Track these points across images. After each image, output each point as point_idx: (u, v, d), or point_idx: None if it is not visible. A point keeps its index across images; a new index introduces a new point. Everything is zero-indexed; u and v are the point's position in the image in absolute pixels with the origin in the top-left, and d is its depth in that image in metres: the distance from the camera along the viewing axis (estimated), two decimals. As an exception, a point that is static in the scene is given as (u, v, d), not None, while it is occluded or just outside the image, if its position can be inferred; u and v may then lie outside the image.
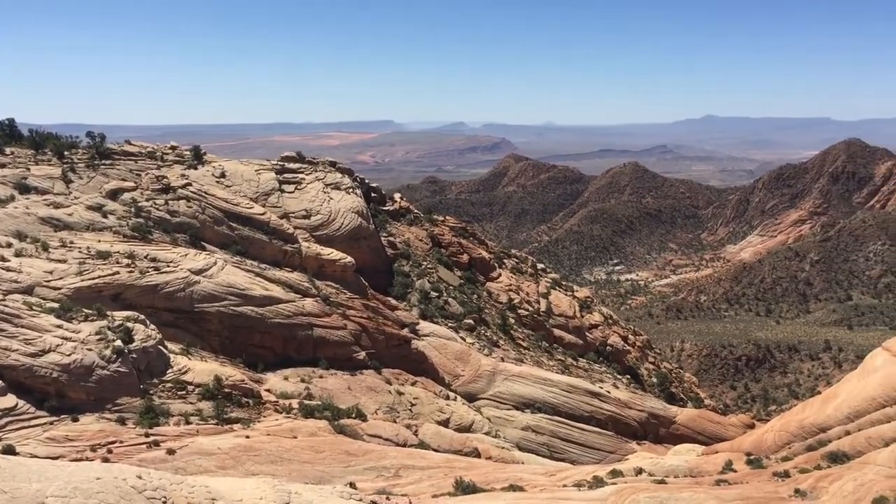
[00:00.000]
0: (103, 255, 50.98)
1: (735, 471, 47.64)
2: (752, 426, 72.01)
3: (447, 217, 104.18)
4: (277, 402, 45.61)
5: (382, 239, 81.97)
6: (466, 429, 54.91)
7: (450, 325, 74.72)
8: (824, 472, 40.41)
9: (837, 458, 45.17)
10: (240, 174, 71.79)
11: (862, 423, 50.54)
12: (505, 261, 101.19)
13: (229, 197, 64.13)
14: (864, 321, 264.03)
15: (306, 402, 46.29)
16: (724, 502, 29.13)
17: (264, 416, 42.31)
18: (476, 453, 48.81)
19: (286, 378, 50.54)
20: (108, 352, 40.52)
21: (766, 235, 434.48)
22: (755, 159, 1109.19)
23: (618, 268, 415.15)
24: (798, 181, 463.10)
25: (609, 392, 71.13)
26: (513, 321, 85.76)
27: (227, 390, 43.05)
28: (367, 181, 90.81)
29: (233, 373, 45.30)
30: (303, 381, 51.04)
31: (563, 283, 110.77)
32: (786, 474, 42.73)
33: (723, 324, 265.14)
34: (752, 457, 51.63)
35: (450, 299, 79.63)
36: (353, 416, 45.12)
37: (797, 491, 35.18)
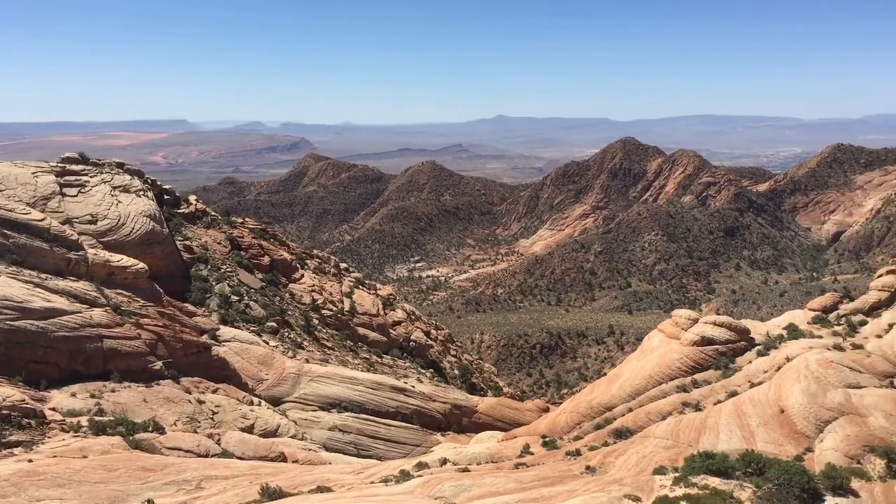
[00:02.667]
0: None
1: (532, 453, 50.37)
2: (546, 410, 76.27)
3: (246, 219, 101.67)
4: (64, 420, 42.50)
5: (178, 243, 78.53)
6: (272, 433, 53.99)
7: (252, 328, 73.05)
8: (611, 448, 43.69)
9: (622, 434, 49.06)
10: (14, 177, 65.99)
11: (642, 399, 55.23)
12: (307, 261, 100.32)
13: (2, 203, 58.82)
14: (641, 306, 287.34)
15: (97, 418, 43.53)
16: (523, 484, 30.76)
17: (49, 437, 39.34)
18: (283, 458, 48.17)
19: (74, 394, 47.18)
20: None
21: (555, 229, 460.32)
22: (543, 157, 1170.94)
23: (419, 264, 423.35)
24: (582, 177, 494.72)
25: (414, 387, 72.60)
26: (317, 322, 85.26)
27: (4, 412, 39.60)
28: (159, 183, 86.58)
29: (11, 392, 41.68)
30: (93, 396, 47.89)
31: (367, 281, 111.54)
32: (577, 453, 45.77)
33: (518, 314, 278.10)
34: (547, 439, 54.86)
35: (251, 302, 77.80)
36: (150, 429, 43.00)
37: (588, 468, 37.73)
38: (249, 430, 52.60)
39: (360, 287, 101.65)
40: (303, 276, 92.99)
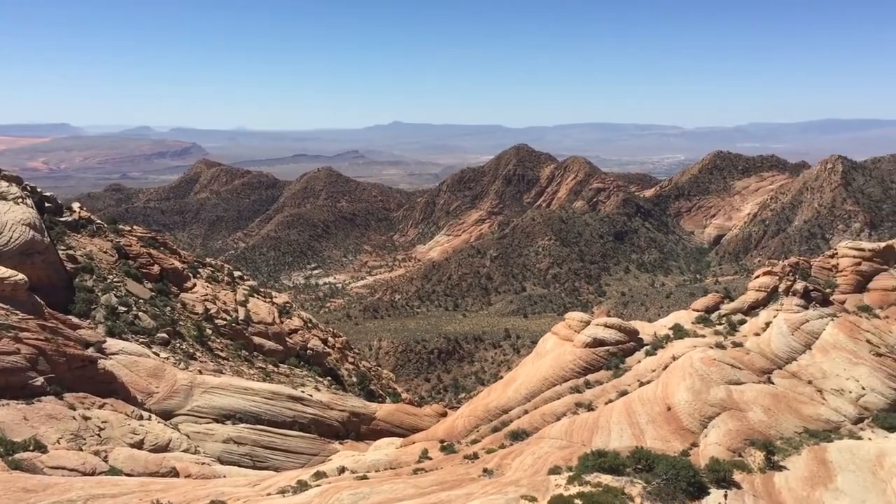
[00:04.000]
0: None
1: (431, 458, 50.65)
2: (444, 415, 76.72)
3: (135, 226, 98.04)
4: (-65, 443, 39.95)
5: (61, 253, 74.88)
6: (163, 448, 52.23)
7: (141, 340, 70.46)
8: (508, 450, 44.45)
9: (518, 436, 49.96)
10: None
11: (537, 401, 56.35)
12: (200, 270, 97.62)
13: None
14: (536, 309, 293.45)
15: (-28, 439, 41.09)
16: (422, 489, 30.91)
17: (-81, 461, 36.89)
18: (174, 473, 46.68)
19: (-55, 415, 44.44)
20: None
21: (451, 235, 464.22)
22: (440, 163, 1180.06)
23: (316, 272, 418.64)
24: (477, 183, 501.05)
25: (311, 395, 71.70)
26: (210, 332, 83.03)
27: None
28: (39, 190, 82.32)
29: None
30: (-33, 416, 45.19)
31: (262, 289, 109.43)
32: (475, 456, 46.35)
33: (416, 320, 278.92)
34: (445, 443, 55.25)
35: (140, 313, 75.04)
36: (32, 448, 40.89)
37: (485, 470, 38.25)
38: (139, 445, 50.74)
39: (256, 295, 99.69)
40: (195, 285, 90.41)
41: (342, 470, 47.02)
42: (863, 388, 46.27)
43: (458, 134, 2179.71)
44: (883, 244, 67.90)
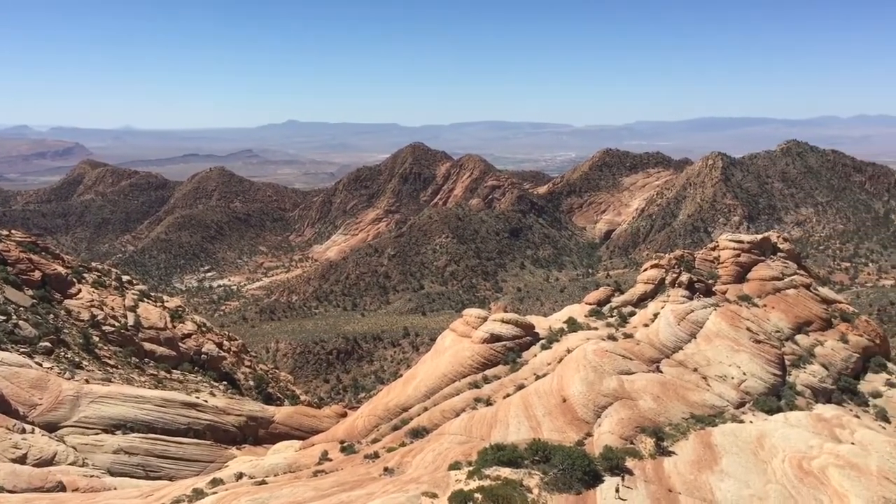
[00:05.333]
0: None
1: (331, 459, 50.27)
2: (344, 415, 76.24)
3: (13, 231, 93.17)
4: None
5: (-72, 259, 70.51)
6: (48, 462, 49.89)
7: (22, 350, 67.03)
8: (408, 448, 44.57)
9: (419, 433, 50.15)
10: None
11: (437, 398, 56.70)
12: (85, 275, 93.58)
13: None
14: (434, 307, 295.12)
15: None
16: (322, 491, 30.68)
17: None
18: (61, 487, 44.70)
19: None
20: None
21: (349, 234, 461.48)
22: (335, 162, 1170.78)
23: (209, 274, 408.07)
24: (374, 182, 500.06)
25: (206, 401, 69.95)
26: (97, 339, 79.80)
27: None
28: None
29: None
30: None
31: (153, 293, 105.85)
32: (376, 455, 46.27)
33: (314, 321, 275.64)
34: (345, 444, 54.91)
35: (21, 322, 71.35)
36: None
37: (386, 469, 38.27)
38: (22, 460, 48.31)
39: (146, 300, 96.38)
40: (80, 290, 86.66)
41: (240, 476, 46.10)
42: (744, 374, 48.74)
43: (355, 132, 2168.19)
44: (760, 236, 71.73)
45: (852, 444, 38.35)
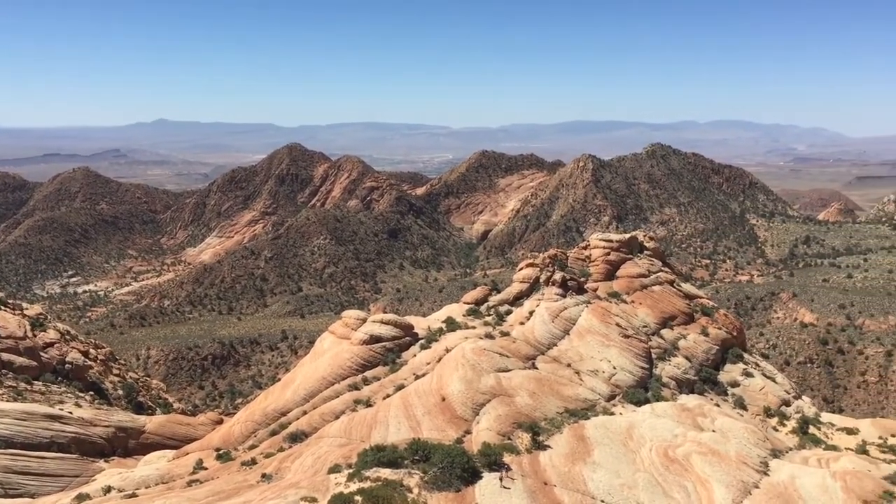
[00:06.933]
0: None
1: (206, 468, 48.90)
2: (220, 422, 74.25)
3: None
4: None
5: None
6: None
7: None
8: (287, 453, 43.92)
9: (298, 438, 49.49)
10: None
11: (316, 401, 56.14)
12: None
13: None
14: (313, 309, 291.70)
15: None
16: (196, 502, 29.82)
17: None
18: None
19: None
20: None
21: (223, 236, 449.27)
22: (209, 163, 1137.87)
23: (74, 279, 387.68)
24: (249, 183, 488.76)
25: (71, 413, 66.58)
26: (-53, 351, 74.48)
27: None
28: None
29: None
30: None
31: (10, 301, 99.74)
32: (253, 462, 45.35)
33: (188, 326, 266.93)
34: (221, 451, 53.56)
35: None
36: None
37: (264, 475, 37.58)
38: None
39: (2, 308, 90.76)
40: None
41: (108, 490, 44.14)
42: (614, 368, 50.77)
43: (229, 132, 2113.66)
44: (627, 235, 74.92)
45: (713, 431, 40.67)
